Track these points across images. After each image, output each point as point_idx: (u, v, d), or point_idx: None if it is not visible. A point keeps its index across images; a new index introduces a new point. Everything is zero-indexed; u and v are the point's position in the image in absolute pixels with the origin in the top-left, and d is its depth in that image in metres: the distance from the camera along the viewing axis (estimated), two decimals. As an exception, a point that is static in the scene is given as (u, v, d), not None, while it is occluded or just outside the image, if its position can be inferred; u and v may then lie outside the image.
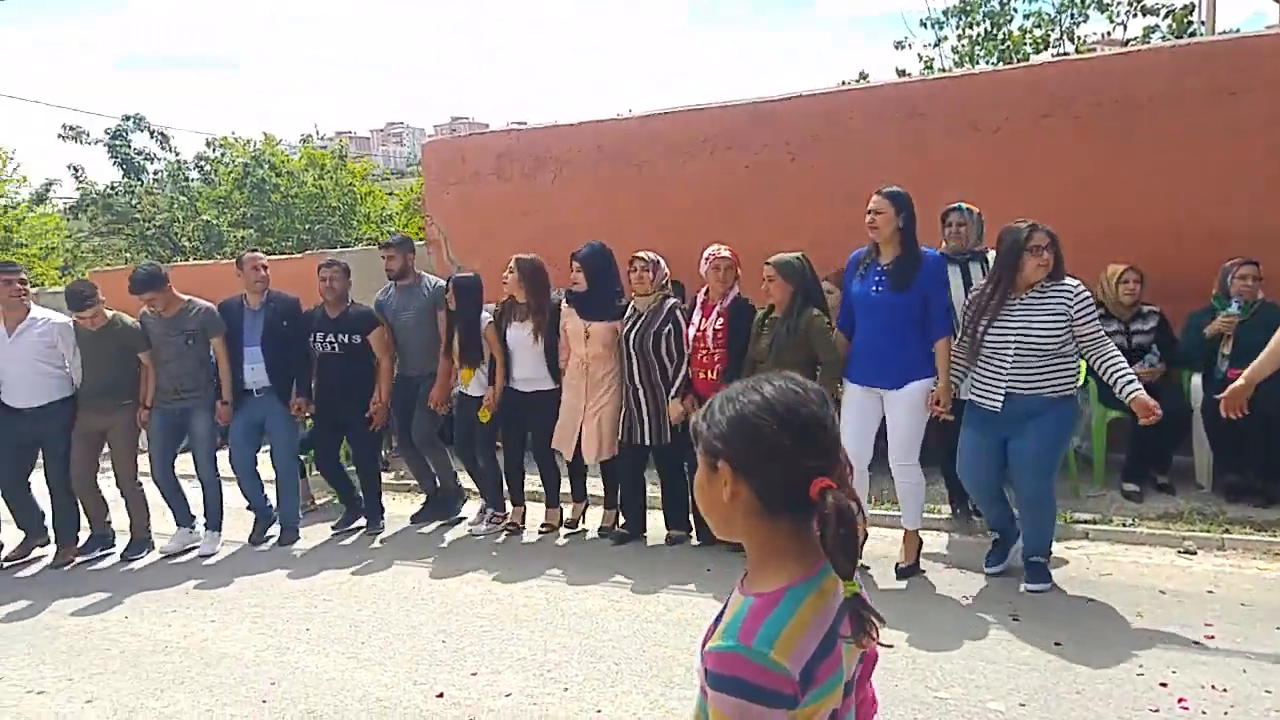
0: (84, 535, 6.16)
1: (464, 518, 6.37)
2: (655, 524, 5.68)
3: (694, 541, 5.48)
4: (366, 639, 4.41)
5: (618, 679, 3.79)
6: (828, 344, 4.72)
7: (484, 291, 5.94)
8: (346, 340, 6.07)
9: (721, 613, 1.40)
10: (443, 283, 6.18)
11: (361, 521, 6.37)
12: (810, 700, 1.28)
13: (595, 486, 6.01)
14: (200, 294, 6.25)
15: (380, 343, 6.10)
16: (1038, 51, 13.08)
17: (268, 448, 6.35)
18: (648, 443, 5.37)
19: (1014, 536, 4.68)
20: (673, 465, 5.45)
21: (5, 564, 6.04)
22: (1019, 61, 12.32)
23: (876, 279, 4.59)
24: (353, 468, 6.53)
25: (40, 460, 6.08)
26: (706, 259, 5.15)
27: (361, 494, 6.39)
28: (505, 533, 5.95)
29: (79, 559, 6.02)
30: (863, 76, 14.37)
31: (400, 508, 6.76)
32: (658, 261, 5.40)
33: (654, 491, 5.68)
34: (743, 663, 1.25)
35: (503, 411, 5.82)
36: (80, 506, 6.08)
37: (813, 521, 1.33)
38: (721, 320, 5.09)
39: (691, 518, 5.48)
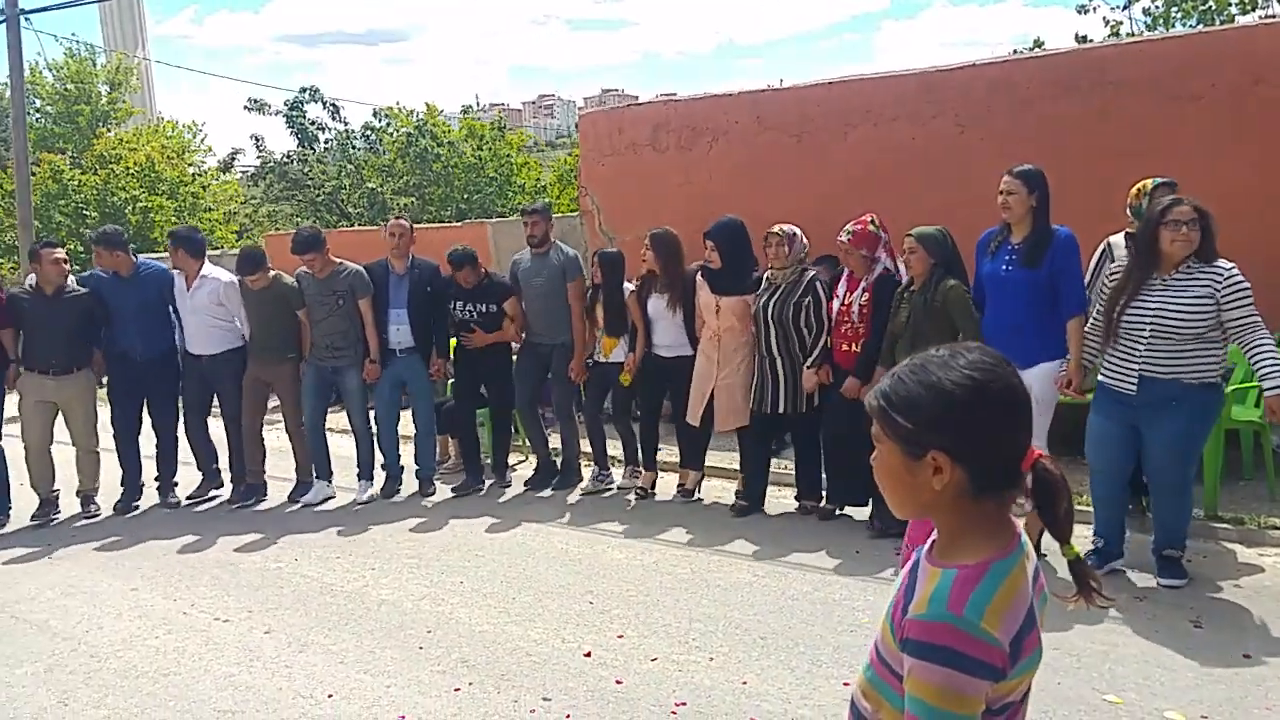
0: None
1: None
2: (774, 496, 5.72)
3: (825, 506, 5.48)
4: (516, 595, 4.54)
5: (763, 653, 3.76)
6: (968, 316, 4.64)
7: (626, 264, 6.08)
8: (485, 309, 6.27)
9: (910, 585, 1.36)
10: (574, 254, 6.33)
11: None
12: (1015, 674, 1.26)
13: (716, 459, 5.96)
14: (364, 259, 6.54)
15: (514, 310, 6.31)
16: (1245, 13, 12.00)
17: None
18: (782, 412, 5.40)
19: (1118, 552, 4.38)
20: (807, 435, 5.49)
21: (186, 502, 6.51)
22: (1223, 24, 11.34)
23: (1007, 257, 4.51)
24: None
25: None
26: (838, 236, 5.15)
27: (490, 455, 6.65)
28: (636, 496, 6.06)
29: (235, 505, 6.41)
30: (1037, 44, 13.57)
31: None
32: (794, 235, 5.37)
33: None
34: (952, 632, 1.23)
35: (642, 376, 5.96)
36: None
37: (1012, 495, 1.31)
38: (867, 295, 5.08)
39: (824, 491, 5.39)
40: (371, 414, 6.51)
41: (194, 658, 4.05)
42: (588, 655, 3.83)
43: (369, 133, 16.91)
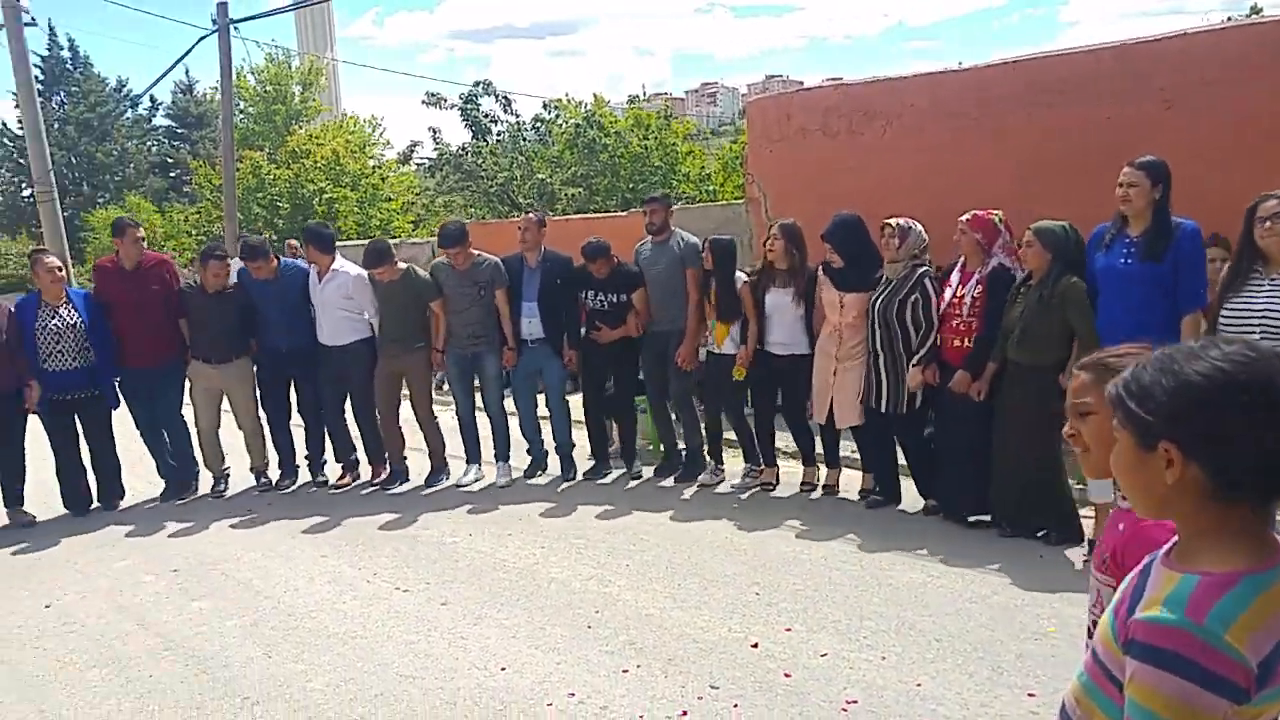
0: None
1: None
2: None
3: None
4: (682, 581, 4.55)
5: (939, 656, 3.61)
6: (1085, 315, 4.47)
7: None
8: (615, 298, 6.34)
9: (1139, 587, 1.25)
10: (694, 241, 6.33)
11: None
12: (1262, 700, 1.13)
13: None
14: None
15: (642, 301, 6.34)
16: None
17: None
18: (884, 410, 5.36)
19: None
20: (913, 433, 5.43)
21: (334, 489, 6.75)
22: None
23: (1125, 251, 4.36)
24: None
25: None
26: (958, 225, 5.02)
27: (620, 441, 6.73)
28: (762, 489, 6.01)
29: (389, 490, 6.64)
30: (1254, 10, 12.42)
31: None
32: (908, 229, 5.27)
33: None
34: (1190, 640, 1.13)
35: (755, 373, 5.94)
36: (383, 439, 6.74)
37: (1272, 504, 1.18)
38: (980, 287, 4.96)
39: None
40: (509, 402, 6.73)
41: (377, 623, 4.27)
42: (755, 646, 3.79)
43: (539, 124, 17.37)
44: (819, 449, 5.98)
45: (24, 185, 40.53)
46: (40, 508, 6.33)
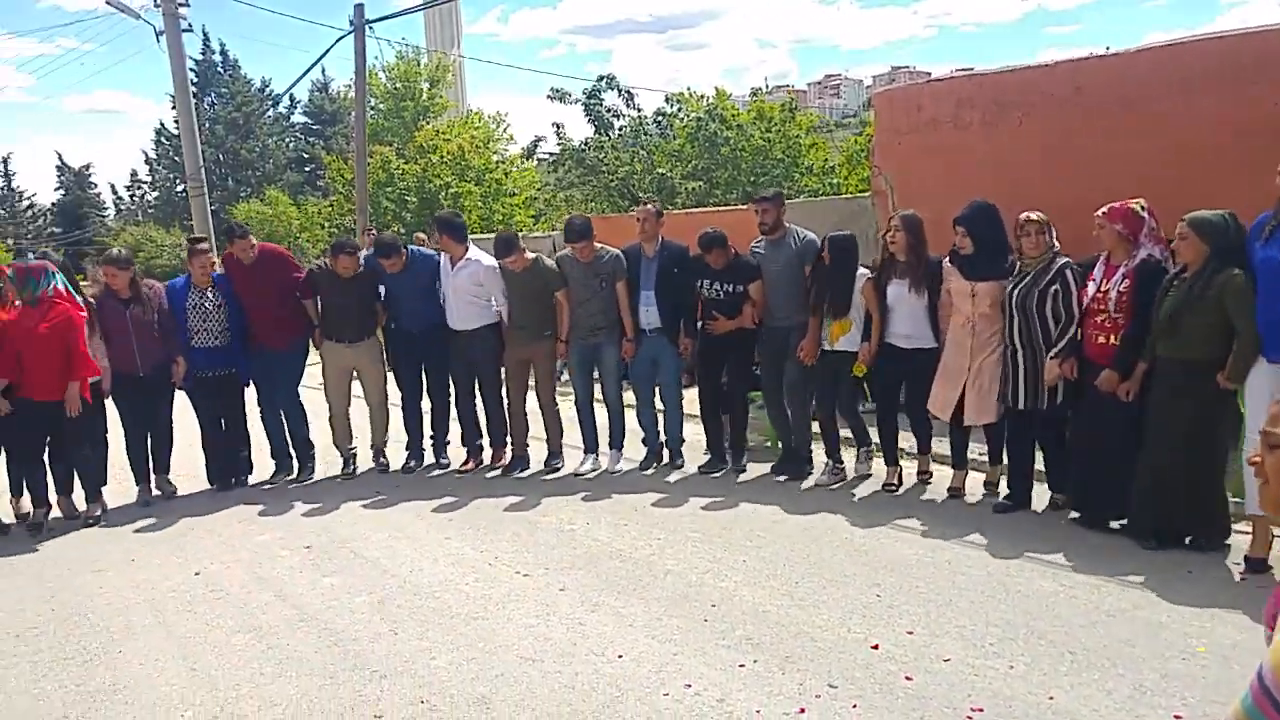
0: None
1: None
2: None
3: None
4: (801, 579, 4.49)
5: (1073, 669, 3.45)
6: (1245, 309, 4.19)
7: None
8: (731, 289, 6.32)
9: None
10: (811, 237, 6.27)
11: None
12: None
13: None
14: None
15: (759, 292, 6.30)
16: None
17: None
18: (1021, 406, 5.19)
19: None
20: (1050, 430, 5.24)
21: (458, 473, 6.93)
22: None
23: None
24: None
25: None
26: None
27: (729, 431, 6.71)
28: (886, 490, 5.91)
29: (509, 474, 6.78)
30: None
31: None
32: (1048, 224, 5.11)
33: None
34: None
35: (877, 367, 5.84)
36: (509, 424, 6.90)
37: None
38: (1127, 282, 4.72)
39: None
40: (628, 393, 6.80)
41: (499, 605, 4.37)
42: (875, 648, 3.71)
43: (660, 118, 17.42)
44: (933, 446, 5.89)
45: (178, 181, 43.26)
46: (179, 480, 6.72)
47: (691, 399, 6.88)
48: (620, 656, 3.76)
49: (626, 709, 3.35)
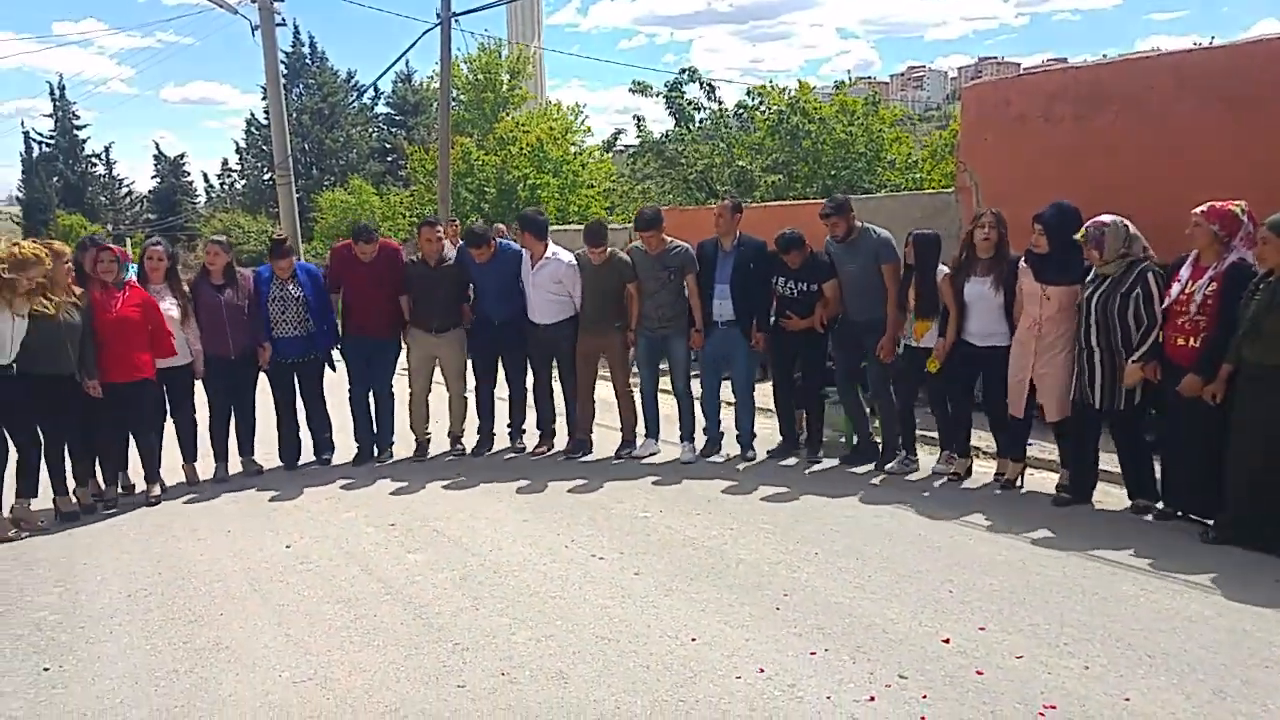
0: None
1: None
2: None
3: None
4: (873, 573, 4.51)
5: (1151, 672, 3.43)
6: None
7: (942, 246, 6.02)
8: (805, 287, 6.42)
9: None
10: (886, 236, 6.30)
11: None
12: None
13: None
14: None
15: (833, 290, 6.39)
16: None
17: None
18: (1099, 407, 5.22)
19: None
20: (1128, 431, 5.26)
21: (532, 456, 7.16)
22: None
23: None
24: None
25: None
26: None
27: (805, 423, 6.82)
28: (949, 480, 6.02)
29: (576, 458, 7.01)
30: None
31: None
32: (1102, 234, 5.10)
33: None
34: None
35: (951, 364, 5.86)
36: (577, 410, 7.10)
37: None
38: (1214, 285, 4.69)
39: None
40: (696, 381, 6.97)
41: (575, 586, 4.50)
42: (946, 642, 3.73)
43: (741, 111, 17.37)
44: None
45: (265, 169, 44.71)
46: (264, 459, 7.02)
47: (763, 392, 6.96)
48: (693, 640, 3.85)
49: (699, 689, 3.44)
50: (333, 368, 7.09)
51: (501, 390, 7.31)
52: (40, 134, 54.43)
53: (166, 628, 4.18)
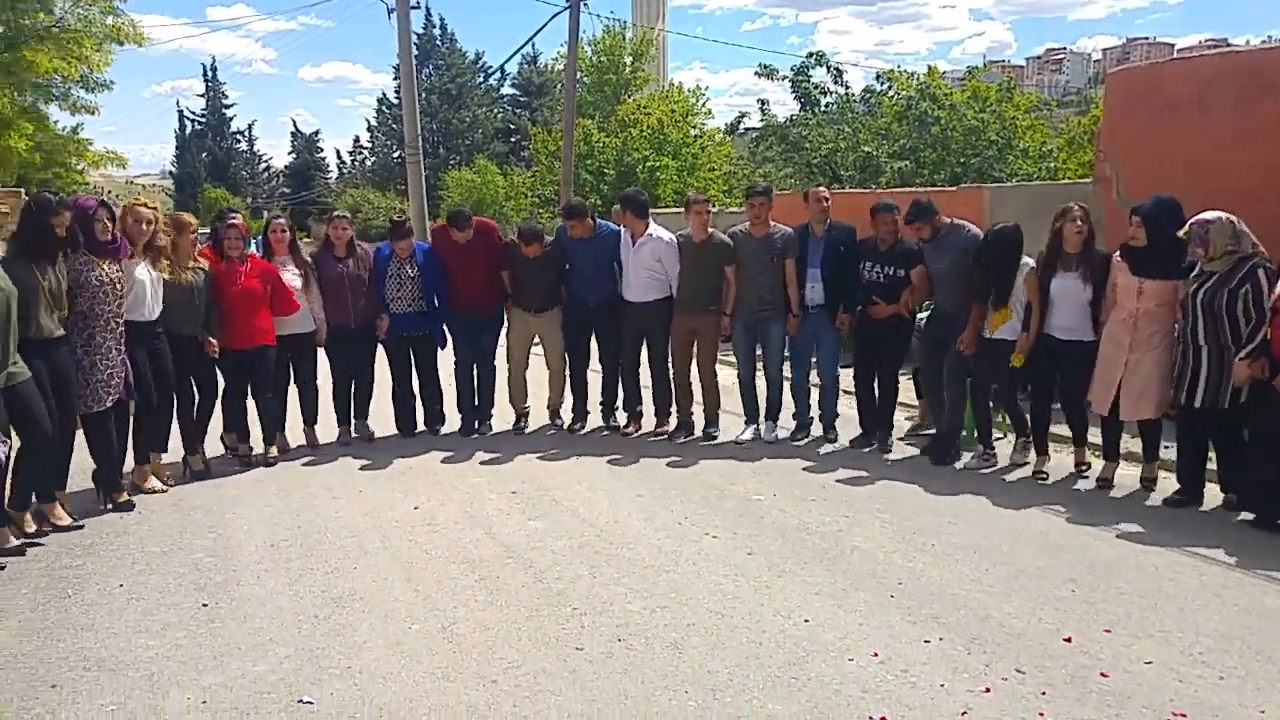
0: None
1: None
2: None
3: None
4: (991, 567, 4.44)
5: (1290, 687, 3.28)
6: None
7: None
8: (892, 273, 6.48)
9: None
10: (974, 230, 6.25)
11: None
12: None
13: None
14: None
15: (920, 278, 6.41)
16: None
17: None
18: (1199, 405, 5.11)
19: None
20: (1232, 430, 5.15)
21: (623, 434, 7.27)
22: None
23: None
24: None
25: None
26: None
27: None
28: (1036, 478, 5.93)
29: (674, 439, 7.07)
30: None
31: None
32: (1206, 231, 4.94)
33: None
34: None
35: (1034, 358, 5.82)
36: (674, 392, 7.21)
37: None
38: None
39: None
40: (786, 364, 7.07)
41: (689, 562, 4.58)
42: (1068, 640, 3.66)
43: (869, 96, 17.04)
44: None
45: (394, 147, 46.27)
46: (379, 425, 7.33)
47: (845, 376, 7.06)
48: (806, 620, 3.88)
49: (812, 668, 3.48)
50: (442, 345, 7.34)
51: (594, 368, 7.48)
52: (193, 113, 57.90)
53: (306, 576, 4.47)
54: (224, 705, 3.29)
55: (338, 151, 68.09)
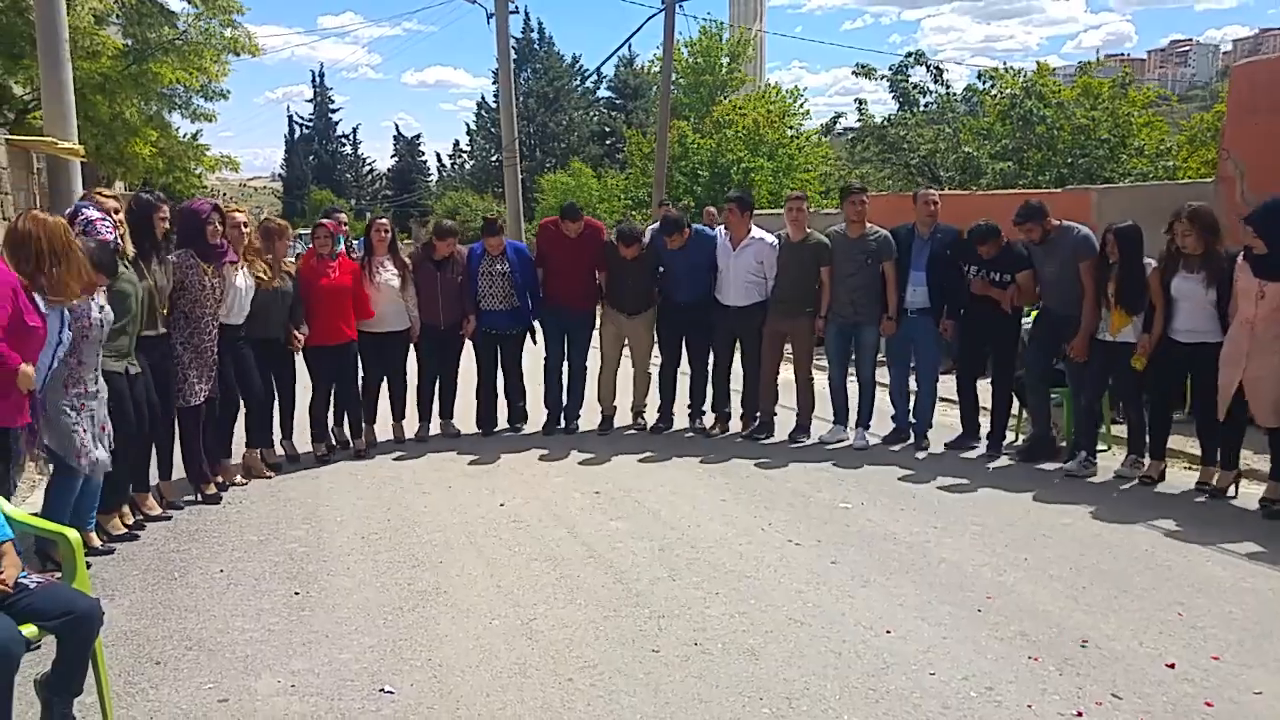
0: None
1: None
2: None
3: None
4: (1088, 585, 4.25)
5: None
6: None
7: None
8: (997, 277, 6.33)
9: None
10: (1085, 232, 6.11)
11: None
12: None
13: None
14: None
15: (1026, 283, 6.27)
16: None
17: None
18: None
19: None
20: None
21: (707, 435, 7.25)
22: None
23: None
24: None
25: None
26: None
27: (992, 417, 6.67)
28: (1141, 483, 5.80)
29: (757, 439, 7.07)
30: None
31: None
32: None
33: None
34: None
35: (1156, 361, 5.67)
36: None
37: None
38: None
39: None
40: (883, 369, 6.98)
41: (769, 568, 4.52)
42: (1171, 666, 3.47)
43: (971, 95, 16.55)
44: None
45: (492, 151, 47.17)
46: (461, 422, 7.45)
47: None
48: (888, 632, 3.78)
49: (891, 680, 3.39)
50: (534, 340, 7.42)
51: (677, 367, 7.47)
52: (301, 117, 60.37)
53: (393, 569, 4.58)
54: (310, 690, 3.39)
55: (438, 155, 69.97)
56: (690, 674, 3.48)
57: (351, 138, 61.80)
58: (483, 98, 54.28)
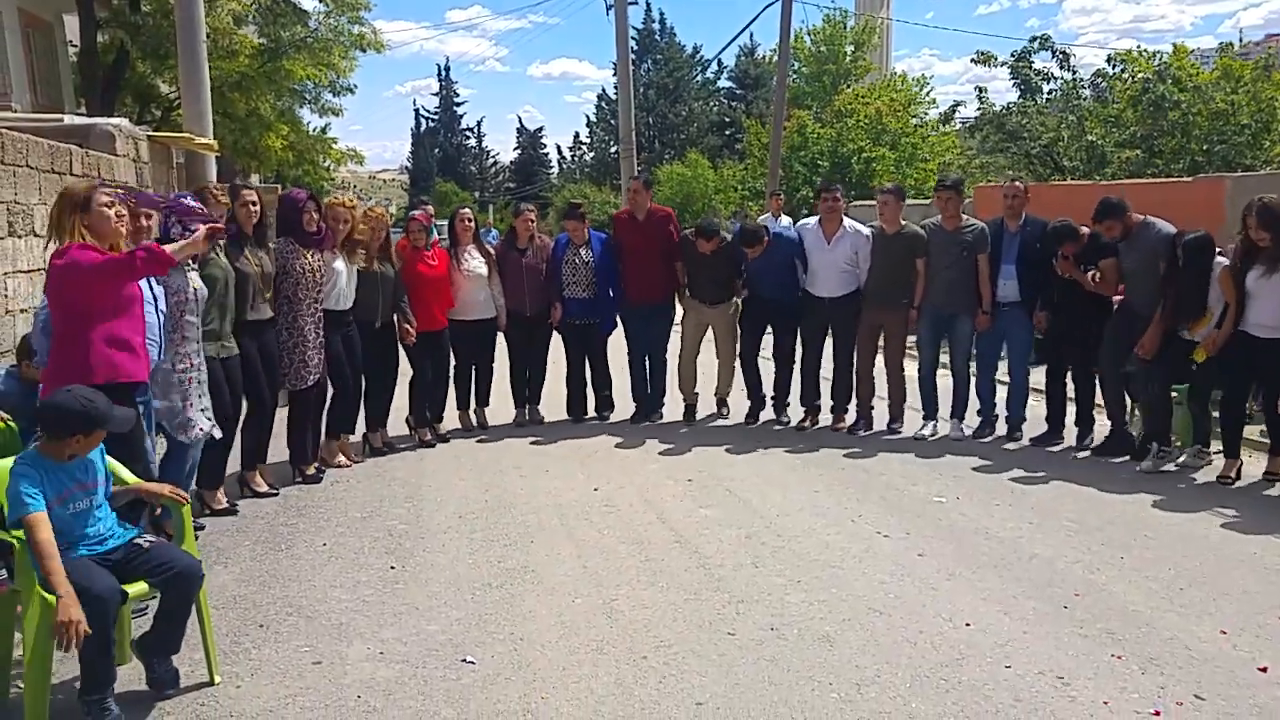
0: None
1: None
2: None
3: None
4: (1185, 587, 4.12)
5: None
6: None
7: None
8: (1085, 269, 6.20)
9: None
10: (1169, 231, 5.94)
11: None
12: None
13: None
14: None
15: (1110, 271, 6.15)
16: None
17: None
18: None
19: None
20: None
21: (796, 428, 7.24)
22: None
23: None
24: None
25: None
26: None
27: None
28: (1220, 482, 5.64)
29: (854, 433, 7.06)
30: None
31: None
32: None
33: None
34: None
35: (1225, 356, 5.60)
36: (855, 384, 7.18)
37: None
38: None
39: None
40: (973, 363, 6.91)
41: (855, 559, 4.54)
42: (1263, 670, 3.35)
43: (1099, 80, 15.75)
44: None
45: (611, 143, 47.67)
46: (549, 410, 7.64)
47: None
48: (967, 624, 3.77)
49: (965, 672, 3.38)
50: (610, 330, 7.54)
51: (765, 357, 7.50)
52: (428, 110, 62.39)
53: (486, 548, 4.81)
54: (398, 657, 3.63)
55: (558, 147, 71.00)
56: (763, 657, 3.55)
57: (476, 130, 63.51)
58: (603, 90, 54.97)
